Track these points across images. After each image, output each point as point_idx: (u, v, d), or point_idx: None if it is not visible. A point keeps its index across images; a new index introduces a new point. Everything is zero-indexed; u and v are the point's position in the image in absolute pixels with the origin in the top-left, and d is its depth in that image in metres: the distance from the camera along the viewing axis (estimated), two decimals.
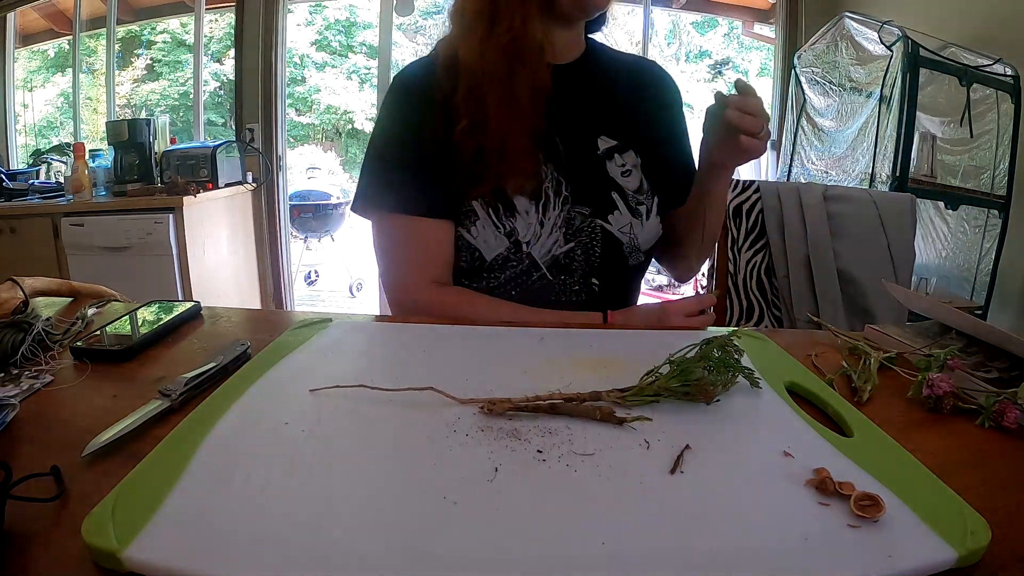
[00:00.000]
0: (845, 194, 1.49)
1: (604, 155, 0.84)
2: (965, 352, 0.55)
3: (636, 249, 0.85)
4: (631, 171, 0.84)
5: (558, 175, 0.81)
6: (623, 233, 0.83)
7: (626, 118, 0.86)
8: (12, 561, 0.30)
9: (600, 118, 0.85)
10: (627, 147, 0.85)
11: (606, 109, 0.86)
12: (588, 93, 0.86)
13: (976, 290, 2.11)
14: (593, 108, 0.85)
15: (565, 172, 0.81)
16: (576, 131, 0.83)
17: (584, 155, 0.83)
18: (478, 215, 0.78)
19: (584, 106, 0.85)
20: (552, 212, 0.80)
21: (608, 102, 0.86)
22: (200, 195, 2.60)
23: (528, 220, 0.79)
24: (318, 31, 5.07)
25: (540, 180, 0.80)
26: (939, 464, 0.38)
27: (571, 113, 0.83)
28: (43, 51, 3.75)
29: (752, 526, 0.32)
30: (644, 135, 0.86)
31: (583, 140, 0.84)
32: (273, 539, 0.30)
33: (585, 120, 0.84)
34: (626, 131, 0.86)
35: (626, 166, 0.84)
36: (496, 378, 0.49)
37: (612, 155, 0.84)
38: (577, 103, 0.84)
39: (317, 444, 0.39)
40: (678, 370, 0.45)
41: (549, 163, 0.81)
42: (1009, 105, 2.05)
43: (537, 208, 0.79)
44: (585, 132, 0.84)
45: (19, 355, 0.53)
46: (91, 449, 0.38)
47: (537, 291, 0.80)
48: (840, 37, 2.43)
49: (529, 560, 0.29)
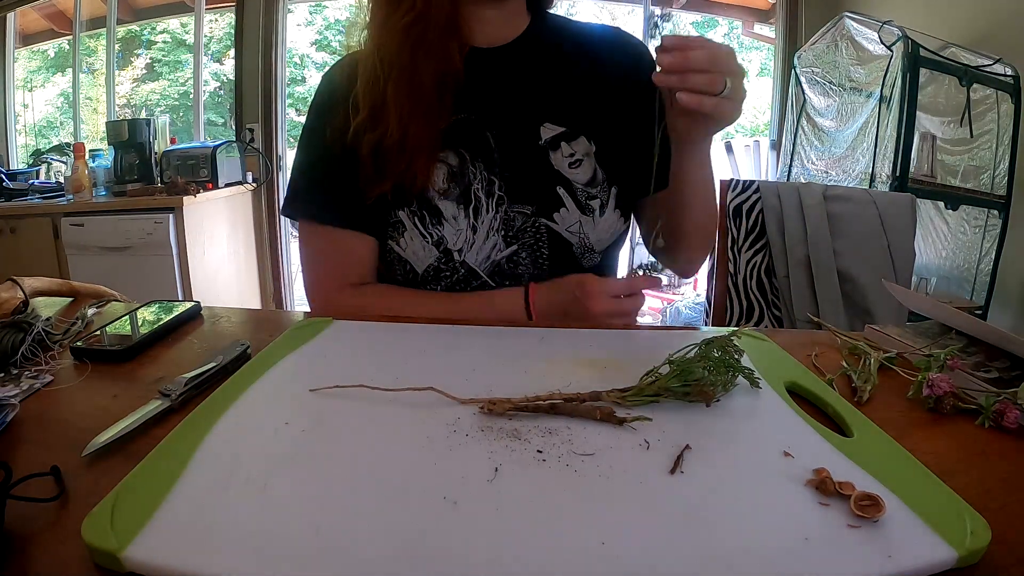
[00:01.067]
0: (845, 194, 1.49)
1: (548, 145, 0.75)
2: (965, 352, 0.55)
3: (589, 249, 0.77)
4: (581, 160, 0.75)
5: (489, 174, 0.74)
6: (571, 232, 0.75)
7: (578, 100, 0.77)
8: (12, 561, 0.30)
9: (544, 103, 0.76)
10: (577, 133, 0.76)
11: (552, 92, 0.76)
12: (528, 76, 0.77)
13: (976, 290, 2.11)
14: (534, 93, 0.76)
15: (499, 169, 0.74)
16: (512, 121, 0.75)
17: (522, 147, 0.75)
18: (405, 226, 0.73)
19: (522, 92, 0.76)
20: (485, 215, 0.73)
21: (555, 83, 0.77)
22: (200, 195, 2.60)
23: (457, 226, 0.73)
24: (318, 31, 5.06)
25: (467, 181, 0.73)
26: (939, 464, 0.38)
27: (506, 101, 0.75)
28: (43, 51, 3.75)
29: (752, 526, 0.32)
30: (602, 117, 0.77)
31: (521, 130, 0.75)
32: (273, 539, 0.30)
33: (524, 107, 0.76)
34: (577, 115, 0.76)
35: (575, 155, 0.75)
36: (496, 378, 0.49)
37: (558, 144, 0.75)
38: (513, 89, 0.76)
39: (317, 444, 0.39)
40: (678, 370, 0.45)
41: (478, 161, 0.74)
42: (1009, 105, 2.05)
43: (467, 212, 0.73)
44: (524, 121, 0.75)
45: (19, 355, 0.53)
46: (91, 449, 0.38)
47: None
48: (840, 37, 2.43)
49: (529, 560, 0.29)
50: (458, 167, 0.74)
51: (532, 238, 0.74)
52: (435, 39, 0.69)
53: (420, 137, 0.70)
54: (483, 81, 0.74)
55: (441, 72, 0.70)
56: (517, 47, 0.77)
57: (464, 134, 0.74)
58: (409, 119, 0.69)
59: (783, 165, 2.88)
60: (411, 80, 0.69)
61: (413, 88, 0.69)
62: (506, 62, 0.76)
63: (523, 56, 0.77)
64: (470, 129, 0.74)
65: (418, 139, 0.70)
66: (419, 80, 0.69)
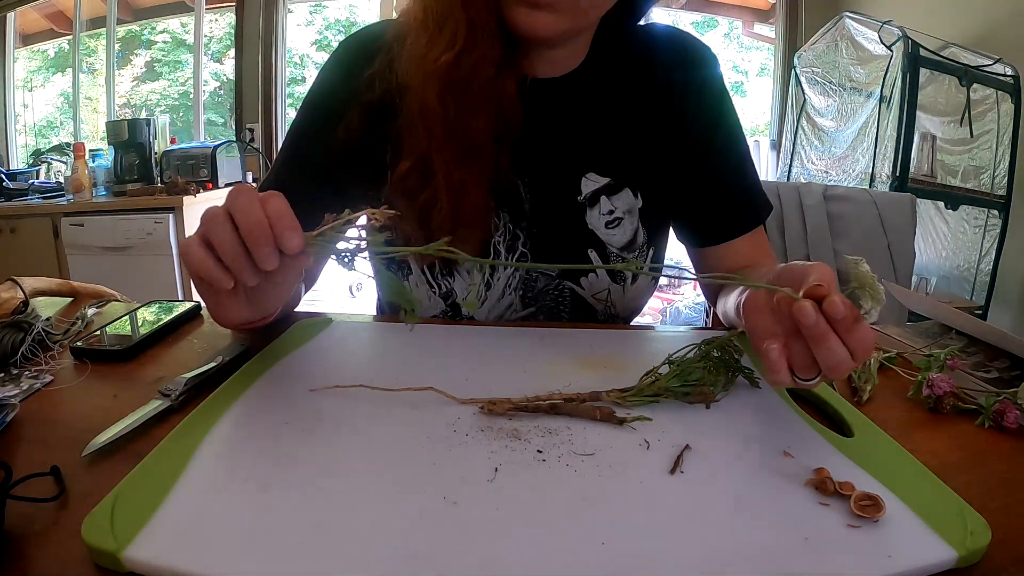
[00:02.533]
0: (845, 194, 1.49)
1: (586, 201, 0.64)
2: (965, 352, 0.55)
3: (614, 317, 0.67)
4: (621, 219, 0.64)
5: (515, 227, 0.64)
6: (598, 300, 0.66)
7: (631, 140, 0.64)
8: (12, 561, 0.30)
9: (590, 150, 0.64)
10: (621, 186, 0.64)
11: (601, 136, 0.64)
12: (578, 118, 0.64)
13: (976, 290, 2.11)
14: (582, 139, 0.64)
15: (527, 223, 0.64)
16: (551, 171, 0.64)
17: (557, 203, 0.64)
18: (412, 270, 0.65)
19: (569, 137, 0.64)
20: (503, 272, 0.64)
21: (606, 125, 0.64)
22: (200, 195, 2.60)
23: (470, 280, 0.64)
24: (318, 31, 5.06)
25: (488, 232, 0.62)
26: (939, 464, 0.38)
27: (547, 148, 0.63)
28: (43, 51, 3.75)
29: (752, 526, 0.32)
30: (656, 161, 0.65)
31: (560, 182, 0.64)
32: (273, 539, 0.30)
33: (567, 156, 0.64)
34: (627, 161, 0.64)
35: (615, 212, 0.64)
36: (496, 378, 0.49)
37: (597, 199, 0.64)
38: (559, 134, 0.64)
39: (317, 444, 0.39)
40: (678, 370, 0.45)
41: (504, 211, 0.63)
42: (1009, 105, 2.05)
43: (482, 266, 0.64)
44: (564, 173, 0.64)
45: (19, 355, 0.53)
46: (91, 449, 0.38)
47: None
48: (840, 37, 2.43)
49: (529, 560, 0.29)
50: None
51: (553, 301, 0.66)
52: (483, 82, 0.56)
53: (475, 208, 0.58)
54: (525, 119, 0.61)
55: (495, 120, 0.57)
56: (572, 81, 0.64)
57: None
58: (460, 189, 0.57)
59: (783, 165, 2.88)
60: (460, 138, 0.57)
61: (461, 150, 0.57)
62: (555, 100, 0.63)
63: (576, 93, 0.64)
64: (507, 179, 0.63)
65: (472, 211, 0.58)
66: (470, 137, 0.57)
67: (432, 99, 0.56)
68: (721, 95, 0.66)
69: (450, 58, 0.54)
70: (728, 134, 0.66)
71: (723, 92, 0.66)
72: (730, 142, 0.66)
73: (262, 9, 3.07)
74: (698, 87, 0.65)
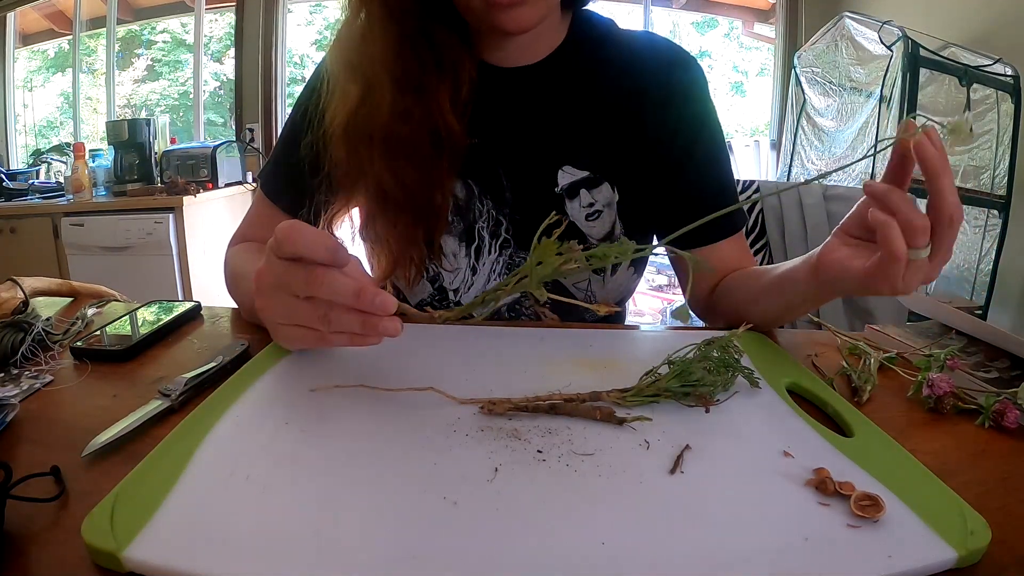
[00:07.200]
0: (845, 194, 1.49)
1: (565, 193, 0.66)
2: (965, 352, 0.55)
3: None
4: (600, 212, 0.66)
5: (497, 213, 0.66)
6: (578, 288, 0.68)
7: (608, 137, 0.65)
8: (12, 561, 0.30)
9: (566, 143, 0.65)
10: (601, 179, 0.66)
11: (577, 129, 0.65)
12: (552, 108, 0.65)
13: (976, 290, 2.11)
14: (556, 130, 0.65)
15: (509, 210, 0.66)
16: (527, 161, 0.65)
17: (536, 192, 0.66)
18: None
19: (543, 127, 0.65)
20: (487, 256, 0.66)
21: (582, 118, 0.65)
22: (200, 195, 2.60)
23: (456, 264, 0.66)
24: (318, 31, 5.06)
25: (472, 218, 0.65)
26: (939, 464, 0.38)
27: (522, 135, 0.65)
28: (43, 51, 3.75)
29: (752, 526, 0.32)
30: (634, 160, 0.66)
31: (537, 172, 0.66)
32: (273, 539, 0.30)
33: (542, 147, 0.65)
34: (604, 156, 0.65)
35: (595, 205, 0.66)
36: (496, 378, 0.49)
37: (576, 192, 0.65)
38: (533, 122, 0.65)
39: (317, 444, 0.39)
40: (678, 370, 0.45)
41: (486, 197, 0.66)
42: (1009, 105, 2.05)
43: (468, 251, 0.66)
44: (540, 163, 0.65)
45: (19, 355, 0.53)
46: (91, 449, 0.38)
47: None
48: (840, 37, 2.43)
49: (529, 560, 0.29)
50: (464, 201, 0.66)
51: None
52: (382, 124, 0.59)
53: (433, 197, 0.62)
54: (500, 103, 0.64)
55: (433, 121, 0.60)
56: (545, 69, 0.65)
57: (474, 163, 0.65)
58: (403, 207, 0.61)
59: (783, 165, 2.88)
60: (395, 144, 0.59)
61: (402, 162, 0.60)
62: (529, 87, 0.65)
63: (550, 81, 0.65)
64: (480, 157, 0.65)
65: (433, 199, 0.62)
66: (407, 142, 0.59)
67: (340, 153, 0.60)
68: (704, 103, 0.67)
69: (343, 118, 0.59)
70: (710, 143, 0.67)
71: (706, 100, 0.67)
72: (712, 150, 0.67)
73: (262, 9, 3.07)
74: (682, 94, 0.66)
